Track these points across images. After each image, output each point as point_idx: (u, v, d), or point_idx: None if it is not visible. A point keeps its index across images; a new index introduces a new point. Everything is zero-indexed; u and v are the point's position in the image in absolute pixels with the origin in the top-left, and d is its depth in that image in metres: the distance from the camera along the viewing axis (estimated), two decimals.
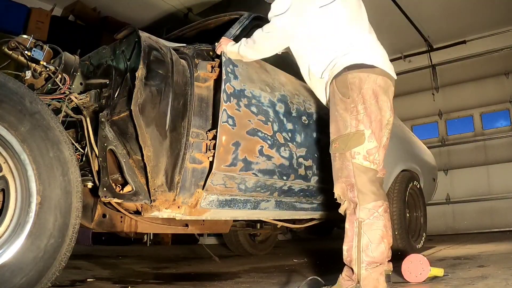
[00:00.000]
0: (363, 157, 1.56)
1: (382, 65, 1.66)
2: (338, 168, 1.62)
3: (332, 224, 4.74)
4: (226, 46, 1.85)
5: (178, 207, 1.77)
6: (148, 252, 4.89)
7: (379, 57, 1.68)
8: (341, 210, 1.65)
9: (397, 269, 2.48)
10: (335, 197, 1.65)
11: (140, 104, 1.57)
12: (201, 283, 2.26)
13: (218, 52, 1.86)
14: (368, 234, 1.51)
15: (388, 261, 1.59)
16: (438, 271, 1.96)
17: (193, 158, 1.76)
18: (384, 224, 1.53)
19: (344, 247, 1.58)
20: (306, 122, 2.18)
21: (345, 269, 1.59)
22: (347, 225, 1.59)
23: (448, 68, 6.57)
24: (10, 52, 1.76)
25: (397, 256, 2.98)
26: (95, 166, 1.75)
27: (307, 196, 2.31)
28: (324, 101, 1.86)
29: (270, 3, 1.76)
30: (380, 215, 1.53)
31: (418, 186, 3.51)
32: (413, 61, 6.85)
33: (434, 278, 2.00)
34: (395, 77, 1.73)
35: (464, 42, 6.36)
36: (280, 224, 2.81)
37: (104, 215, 1.89)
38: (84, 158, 1.80)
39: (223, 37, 1.95)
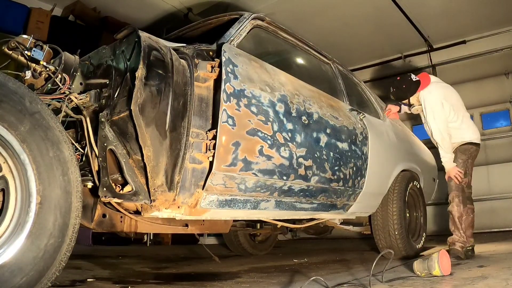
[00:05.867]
0: (464, 182, 2.98)
1: (479, 140, 3.15)
2: (451, 186, 2.99)
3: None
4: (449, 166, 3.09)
5: (178, 207, 1.77)
6: (148, 252, 4.89)
7: (479, 135, 3.15)
8: (449, 209, 2.98)
9: (405, 266, 2.48)
10: (449, 199, 3.00)
11: (140, 104, 1.57)
12: (201, 283, 2.26)
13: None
14: (464, 223, 2.92)
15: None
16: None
17: (193, 158, 1.76)
18: (472, 219, 2.97)
19: (452, 228, 2.97)
20: (306, 122, 2.17)
21: (455, 241, 2.88)
22: (457, 214, 2.92)
23: (448, 68, 6.55)
24: (10, 52, 1.75)
25: (397, 256, 2.99)
26: (95, 166, 1.74)
27: (307, 196, 2.31)
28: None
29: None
30: (470, 212, 2.97)
31: (418, 186, 3.51)
32: (413, 61, 6.83)
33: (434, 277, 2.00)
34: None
35: (464, 42, 6.34)
36: (280, 224, 2.81)
37: (104, 215, 1.88)
38: (84, 158, 1.79)
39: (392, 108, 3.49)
